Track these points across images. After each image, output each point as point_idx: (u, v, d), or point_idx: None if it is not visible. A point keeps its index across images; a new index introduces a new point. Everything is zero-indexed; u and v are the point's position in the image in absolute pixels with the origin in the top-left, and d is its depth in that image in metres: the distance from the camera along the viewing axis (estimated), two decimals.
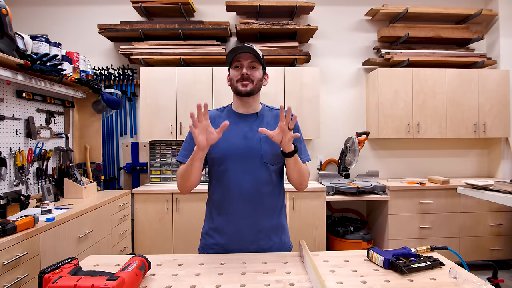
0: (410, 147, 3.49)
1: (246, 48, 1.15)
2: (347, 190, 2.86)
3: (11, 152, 2.02)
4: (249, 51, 1.15)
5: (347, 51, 3.48)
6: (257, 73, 1.19)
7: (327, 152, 3.45)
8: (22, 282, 1.47)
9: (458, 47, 3.46)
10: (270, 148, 1.18)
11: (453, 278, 0.92)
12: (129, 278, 0.80)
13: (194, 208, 2.79)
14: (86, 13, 3.34)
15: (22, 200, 1.93)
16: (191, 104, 3.00)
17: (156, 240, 2.78)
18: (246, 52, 1.15)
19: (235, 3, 3.07)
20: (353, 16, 3.47)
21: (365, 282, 0.90)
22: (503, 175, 3.36)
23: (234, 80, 1.19)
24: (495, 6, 3.38)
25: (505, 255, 2.99)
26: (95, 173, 2.74)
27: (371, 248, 1.07)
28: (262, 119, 1.24)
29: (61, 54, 2.29)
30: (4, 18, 1.73)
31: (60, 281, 0.76)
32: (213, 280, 0.91)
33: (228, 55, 1.19)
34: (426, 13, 3.26)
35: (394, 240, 2.89)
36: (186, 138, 1.24)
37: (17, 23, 3.12)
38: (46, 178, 2.32)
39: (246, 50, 1.15)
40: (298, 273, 0.96)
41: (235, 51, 1.16)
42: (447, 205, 2.94)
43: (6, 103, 2.01)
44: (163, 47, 3.13)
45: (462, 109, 3.20)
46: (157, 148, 3.23)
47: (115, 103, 2.66)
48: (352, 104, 3.49)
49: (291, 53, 3.15)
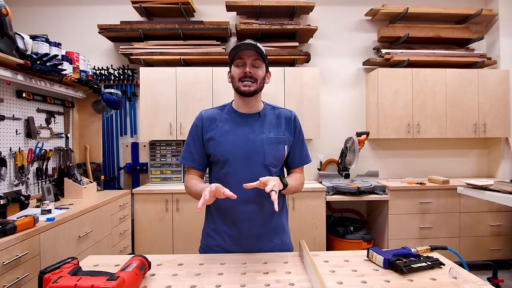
0: (410, 147, 3.49)
1: (250, 45, 1.10)
2: (347, 190, 2.86)
3: (11, 152, 2.02)
4: (252, 48, 1.11)
5: (347, 51, 3.48)
6: (260, 72, 1.15)
7: (327, 152, 3.45)
8: (22, 282, 1.47)
9: (458, 47, 3.46)
10: (272, 150, 1.17)
11: (453, 278, 0.92)
12: (129, 278, 0.80)
13: (194, 208, 2.78)
14: (86, 13, 3.34)
15: (22, 200, 1.93)
16: (191, 104, 3.00)
17: (156, 240, 2.78)
18: (250, 49, 1.11)
19: (235, 3, 3.07)
20: (353, 16, 3.47)
21: (365, 282, 0.90)
22: (503, 175, 3.36)
23: (236, 78, 1.15)
24: (495, 6, 3.38)
25: (505, 255, 2.99)
26: (95, 173, 2.74)
27: (371, 248, 1.07)
28: (264, 119, 1.22)
29: (61, 54, 2.29)
30: (4, 18, 1.73)
31: (60, 281, 0.76)
32: (213, 280, 0.91)
33: (231, 52, 1.15)
34: (426, 13, 3.26)
35: (394, 240, 2.89)
36: (186, 140, 1.24)
37: (17, 23, 3.13)
38: (46, 178, 2.32)
39: (250, 47, 1.10)
40: (298, 273, 0.96)
41: (238, 48, 1.12)
42: (447, 205, 2.94)
43: (6, 103, 2.01)
44: (163, 47, 3.13)
45: (462, 109, 3.19)
46: (157, 148, 3.23)
47: (115, 103, 2.66)
48: (352, 104, 3.49)
49: (291, 53, 3.15)
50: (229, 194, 0.97)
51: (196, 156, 1.22)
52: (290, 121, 1.25)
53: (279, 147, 1.19)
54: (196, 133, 1.21)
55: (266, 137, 1.17)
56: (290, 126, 1.24)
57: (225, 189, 0.98)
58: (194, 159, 1.22)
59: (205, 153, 1.22)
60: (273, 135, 1.19)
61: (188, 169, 1.25)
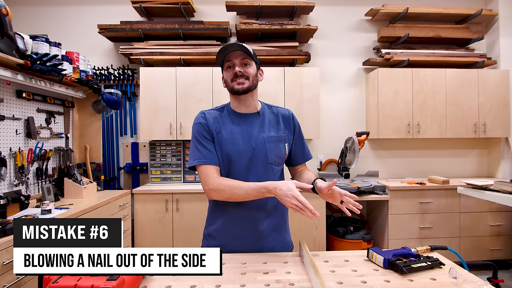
0: (410, 147, 3.49)
1: (235, 45, 1.12)
2: (347, 190, 2.85)
3: (11, 152, 2.02)
4: (238, 49, 1.12)
5: (347, 51, 3.48)
6: (250, 69, 1.15)
7: (327, 152, 3.45)
8: (22, 282, 1.47)
9: (458, 47, 3.46)
10: (274, 149, 1.17)
11: (453, 278, 0.92)
12: (129, 278, 0.80)
13: (194, 208, 2.78)
14: (86, 13, 3.34)
15: (22, 200, 1.93)
16: (191, 104, 3.00)
17: (156, 240, 2.78)
18: (236, 49, 1.12)
19: (235, 3, 3.07)
20: (353, 16, 3.47)
21: (365, 282, 0.90)
22: (503, 175, 3.36)
23: (228, 81, 1.16)
24: (495, 6, 3.38)
25: (505, 255, 2.99)
26: (95, 173, 2.74)
27: (371, 248, 1.07)
28: (263, 118, 1.22)
29: (61, 54, 2.29)
30: (4, 18, 1.73)
31: (60, 281, 0.76)
32: (213, 280, 0.91)
33: (218, 57, 1.15)
34: (426, 13, 3.26)
35: (394, 240, 2.89)
36: (194, 143, 1.16)
37: (17, 23, 3.11)
38: (46, 178, 2.32)
39: (235, 48, 1.12)
40: (298, 273, 0.96)
41: (224, 51, 1.13)
42: (447, 205, 2.94)
43: (6, 103, 2.01)
44: (163, 47, 3.13)
45: (462, 109, 3.19)
46: (157, 148, 3.23)
47: (115, 103, 2.66)
48: (352, 104, 3.49)
49: (291, 53, 3.14)
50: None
51: (214, 152, 1.15)
52: (289, 120, 1.26)
53: (280, 145, 1.20)
54: (204, 130, 1.16)
55: (267, 136, 1.18)
56: (289, 124, 1.25)
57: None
58: (213, 156, 1.14)
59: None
60: (274, 134, 1.20)
61: (206, 169, 1.12)
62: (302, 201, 0.95)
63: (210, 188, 1.10)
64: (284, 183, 1.01)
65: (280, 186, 1.00)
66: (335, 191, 1.06)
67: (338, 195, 1.06)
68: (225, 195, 1.08)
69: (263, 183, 1.05)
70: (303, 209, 0.95)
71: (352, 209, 1.06)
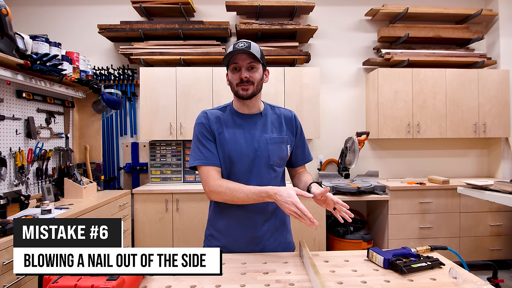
0: (410, 147, 3.49)
1: (243, 50, 1.08)
2: (347, 190, 2.86)
3: (11, 152, 2.02)
4: (245, 52, 1.09)
5: (347, 51, 3.48)
6: (256, 74, 1.13)
7: (327, 152, 3.45)
8: (22, 282, 1.47)
9: (458, 47, 3.46)
10: (276, 150, 1.17)
11: (453, 278, 0.92)
12: (129, 278, 0.80)
13: (194, 208, 2.78)
14: (86, 13, 3.34)
15: (22, 200, 1.93)
16: (191, 104, 3.00)
17: (156, 240, 2.78)
18: (243, 53, 1.10)
19: (235, 3, 3.07)
20: (353, 16, 3.47)
21: (365, 282, 0.90)
22: (503, 175, 3.36)
23: (233, 83, 1.14)
24: (495, 6, 3.38)
25: (505, 255, 2.99)
26: (95, 173, 2.74)
27: (371, 248, 1.07)
28: (266, 119, 1.21)
29: (61, 54, 2.29)
30: (4, 18, 1.73)
31: (60, 281, 0.76)
32: (213, 280, 0.91)
33: (225, 59, 1.12)
34: (426, 13, 3.26)
35: (394, 240, 2.89)
36: (196, 143, 1.16)
37: (17, 23, 3.12)
38: (46, 178, 2.32)
39: (242, 52, 1.09)
40: (298, 273, 0.96)
41: (231, 53, 1.10)
42: (447, 205, 2.94)
43: (6, 103, 2.01)
44: (163, 47, 3.13)
45: (462, 109, 3.19)
46: (157, 148, 3.23)
47: (115, 103, 2.66)
48: (352, 104, 3.49)
49: (291, 53, 3.15)
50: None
51: (215, 153, 1.14)
52: (291, 121, 1.25)
53: (282, 147, 1.19)
54: (205, 130, 1.16)
55: (270, 137, 1.17)
56: (292, 126, 1.25)
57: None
58: (214, 156, 1.14)
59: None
60: (276, 135, 1.19)
61: (207, 170, 1.12)
62: (301, 209, 0.96)
63: (210, 190, 1.10)
64: (284, 189, 1.01)
65: (281, 192, 1.01)
66: (329, 198, 1.07)
67: (331, 202, 1.07)
68: (225, 197, 1.08)
69: (264, 187, 1.04)
70: (302, 216, 0.96)
71: (344, 217, 1.07)
